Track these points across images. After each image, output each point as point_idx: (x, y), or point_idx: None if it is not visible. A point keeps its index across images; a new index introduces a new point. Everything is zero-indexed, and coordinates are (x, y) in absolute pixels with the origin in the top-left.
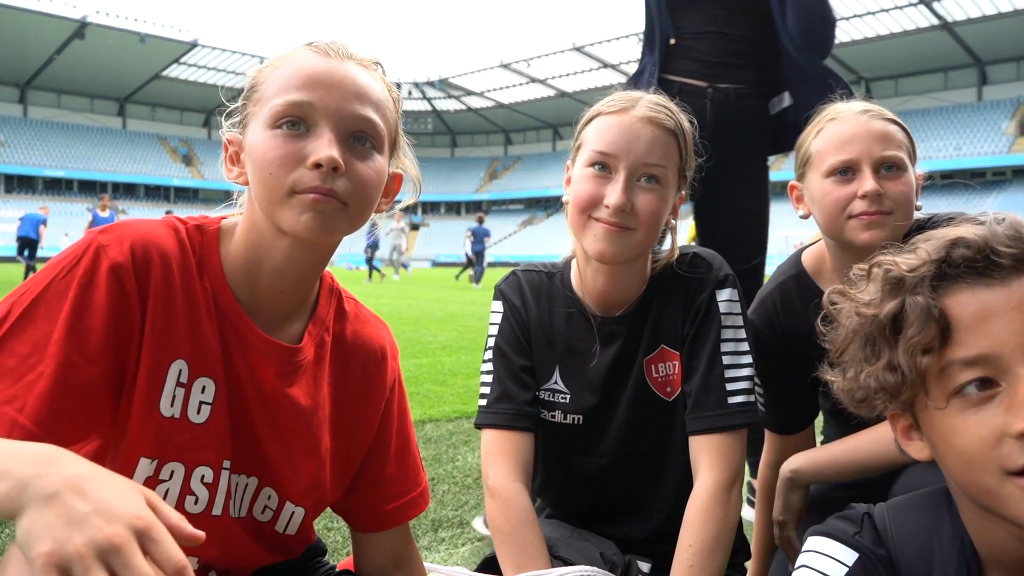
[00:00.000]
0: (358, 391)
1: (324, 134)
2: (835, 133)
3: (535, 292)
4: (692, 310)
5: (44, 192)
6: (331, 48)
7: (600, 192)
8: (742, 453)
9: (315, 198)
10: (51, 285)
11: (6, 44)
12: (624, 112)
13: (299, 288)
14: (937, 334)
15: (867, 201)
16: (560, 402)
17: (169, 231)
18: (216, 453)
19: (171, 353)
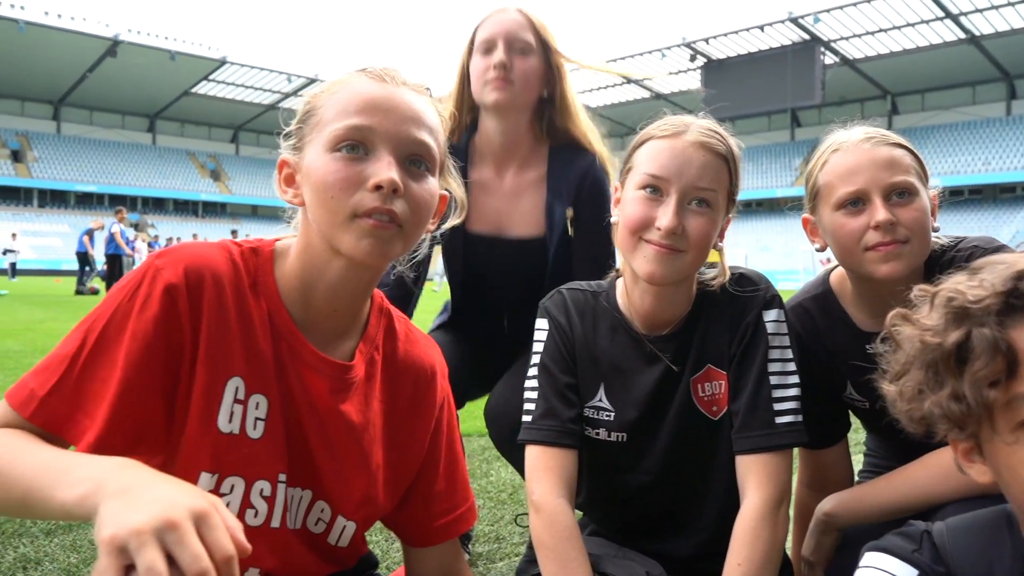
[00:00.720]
0: (408, 409)
1: (383, 157)
2: (840, 164)
3: (580, 311)
4: (739, 330)
5: (76, 207)
6: (386, 74)
7: (651, 214)
8: (789, 472)
9: (374, 224)
10: (118, 308)
11: (41, 62)
12: (676, 136)
13: (350, 306)
14: (1004, 367)
15: (881, 232)
16: (604, 419)
17: (223, 254)
18: (273, 467)
19: (227, 371)
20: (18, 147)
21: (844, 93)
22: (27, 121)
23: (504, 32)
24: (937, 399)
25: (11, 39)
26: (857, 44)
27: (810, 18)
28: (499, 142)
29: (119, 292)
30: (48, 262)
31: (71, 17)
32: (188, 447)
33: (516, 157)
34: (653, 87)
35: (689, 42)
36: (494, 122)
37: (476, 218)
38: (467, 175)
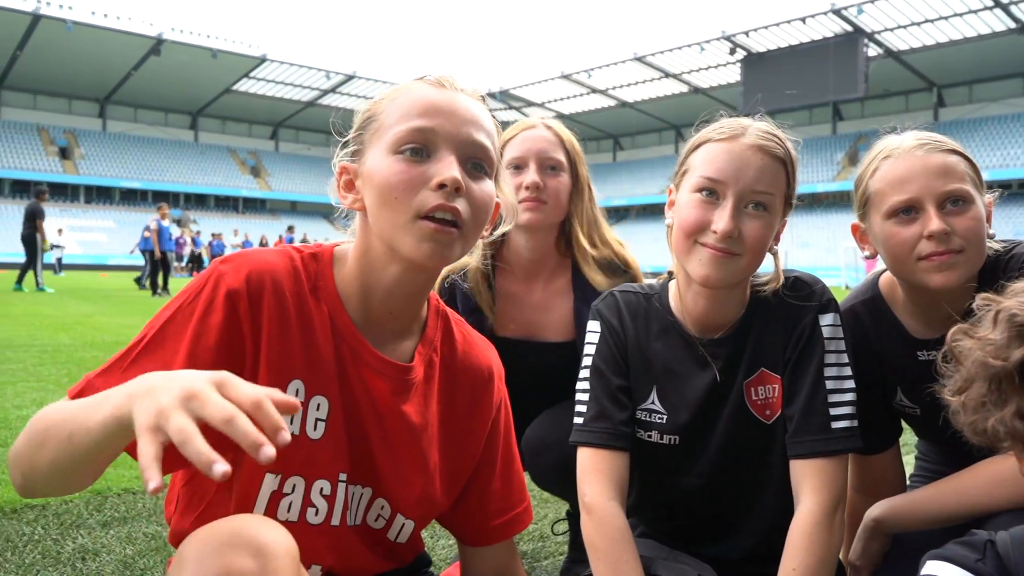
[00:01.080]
0: (466, 410)
1: (445, 157)
2: (892, 171)
3: (632, 313)
4: (795, 334)
5: (120, 203)
6: (444, 80)
7: (707, 218)
8: (845, 478)
9: (435, 228)
10: (180, 309)
11: (87, 61)
12: (733, 139)
13: (408, 308)
14: None
15: (935, 241)
16: (657, 422)
17: (284, 259)
18: (333, 467)
19: (289, 373)
20: (66, 144)
21: (888, 85)
22: (74, 119)
23: (536, 152)
24: (1001, 416)
25: (60, 39)
26: (902, 35)
27: (853, 9)
28: (528, 257)
29: (183, 295)
30: (94, 257)
31: (117, 16)
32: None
33: (545, 270)
34: (692, 81)
35: (729, 35)
36: (524, 239)
37: (505, 325)
38: (494, 284)
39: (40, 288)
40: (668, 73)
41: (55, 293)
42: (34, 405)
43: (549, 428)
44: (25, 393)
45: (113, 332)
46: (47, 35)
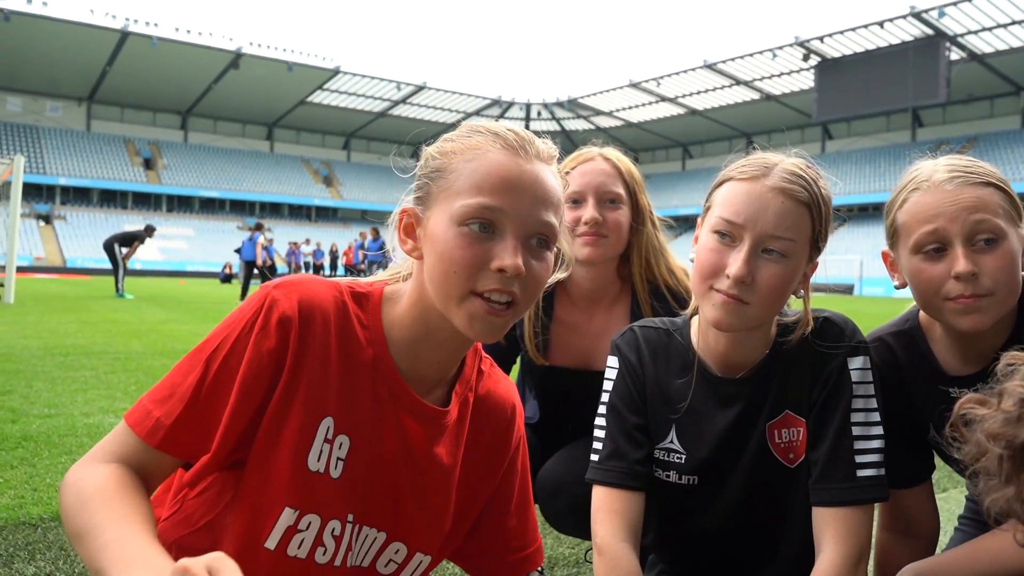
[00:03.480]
0: (489, 446)
1: (510, 240)
2: (920, 205)
3: (652, 349)
4: (822, 376)
5: (200, 211)
6: (521, 145)
7: (723, 261)
8: (869, 529)
9: (488, 310)
10: (239, 338)
11: (171, 76)
12: (755, 180)
13: (454, 359)
14: None
15: (962, 283)
16: (675, 462)
17: (333, 293)
18: (344, 507)
19: (323, 410)
20: (150, 155)
21: (971, 90)
22: (158, 131)
23: (595, 186)
24: (1005, 494)
25: (145, 54)
26: (986, 37)
27: (934, 12)
28: (589, 288)
29: (237, 320)
30: (174, 263)
31: (199, 32)
32: (278, 481)
33: (605, 298)
34: (764, 88)
35: (802, 41)
36: (584, 271)
37: (560, 354)
38: (552, 311)
39: (120, 294)
40: (739, 80)
41: (134, 299)
42: (101, 413)
43: (566, 468)
44: (94, 401)
45: (184, 340)
46: (134, 51)
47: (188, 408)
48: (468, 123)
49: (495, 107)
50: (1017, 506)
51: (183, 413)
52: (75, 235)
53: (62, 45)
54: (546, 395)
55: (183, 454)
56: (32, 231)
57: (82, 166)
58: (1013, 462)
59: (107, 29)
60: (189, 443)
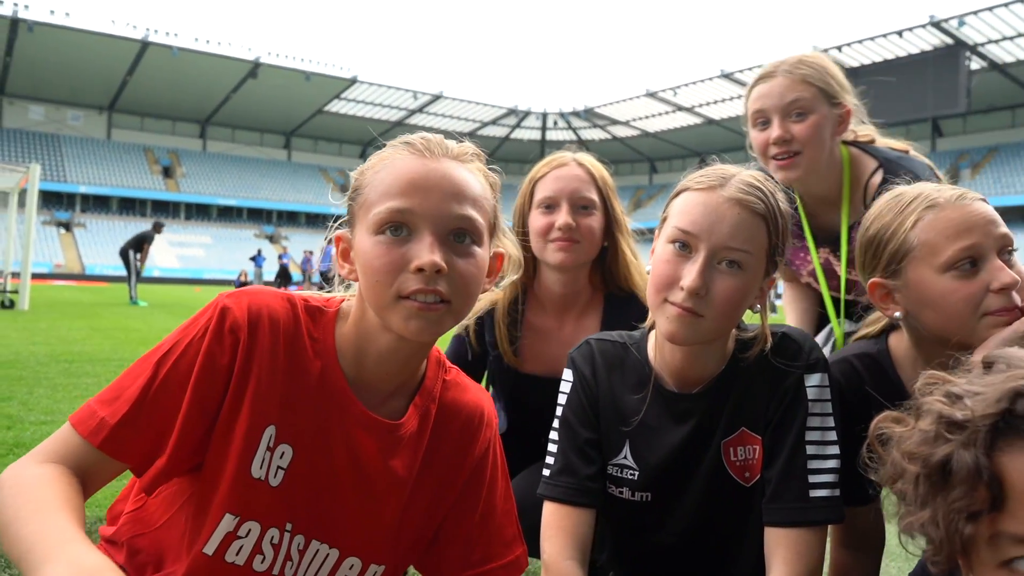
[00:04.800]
0: (450, 456)
1: (425, 238)
2: (945, 222)
3: (608, 363)
4: (778, 394)
5: (217, 219)
6: (427, 147)
7: (677, 272)
8: (821, 551)
9: (420, 306)
10: (190, 344)
11: (190, 85)
12: (712, 190)
13: (403, 370)
14: (988, 498)
15: (1004, 296)
16: (628, 478)
17: (286, 304)
18: (283, 517)
19: (267, 418)
20: (169, 164)
21: (992, 100)
22: (177, 139)
23: (568, 192)
24: (920, 517)
25: (165, 64)
26: (1007, 47)
27: (954, 21)
28: (560, 293)
29: (190, 327)
30: (191, 271)
31: (218, 42)
32: (222, 487)
33: (576, 306)
34: None
35: (820, 50)
36: (556, 276)
37: (531, 360)
38: (524, 317)
39: (133, 301)
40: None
41: (148, 307)
42: None
43: (528, 490)
44: None
45: None
46: (154, 61)
47: (134, 410)
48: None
49: (511, 116)
50: (933, 530)
51: (128, 414)
52: (94, 242)
53: (84, 55)
54: (515, 404)
55: (126, 457)
56: (52, 238)
57: (102, 174)
58: (929, 483)
59: (128, 39)
60: (134, 446)
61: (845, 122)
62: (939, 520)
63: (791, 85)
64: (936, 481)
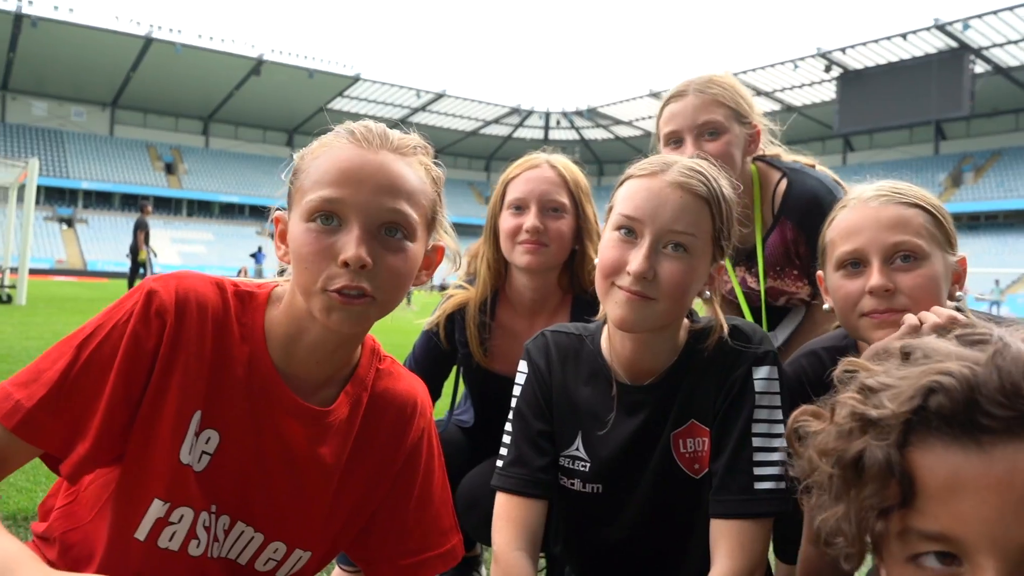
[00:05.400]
0: (382, 445)
1: (353, 230)
2: (844, 221)
3: (562, 355)
4: (726, 386)
5: (219, 216)
6: (367, 137)
7: (624, 258)
8: (765, 543)
9: (342, 300)
10: (114, 328)
11: (193, 81)
12: (654, 176)
13: (333, 358)
14: (898, 493)
15: (876, 298)
16: (580, 470)
17: (215, 290)
18: (208, 500)
19: (194, 403)
20: (171, 160)
21: (996, 103)
22: (180, 136)
23: (538, 194)
24: (835, 512)
25: (169, 60)
26: (1012, 51)
27: (959, 24)
28: (530, 297)
29: (115, 310)
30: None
31: (221, 39)
32: (150, 472)
33: (546, 308)
34: (785, 99)
35: (824, 52)
36: (525, 279)
37: (501, 360)
38: (496, 319)
39: None
40: (760, 91)
41: None
42: None
43: (483, 480)
44: None
45: None
46: (157, 57)
47: (52, 393)
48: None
49: (514, 115)
50: (846, 526)
51: (46, 397)
52: (96, 238)
53: (87, 51)
54: (483, 401)
55: (41, 442)
56: (54, 234)
57: (104, 170)
58: (843, 479)
59: (131, 35)
60: (50, 431)
61: (756, 141)
62: (851, 516)
63: (703, 106)
64: (849, 477)
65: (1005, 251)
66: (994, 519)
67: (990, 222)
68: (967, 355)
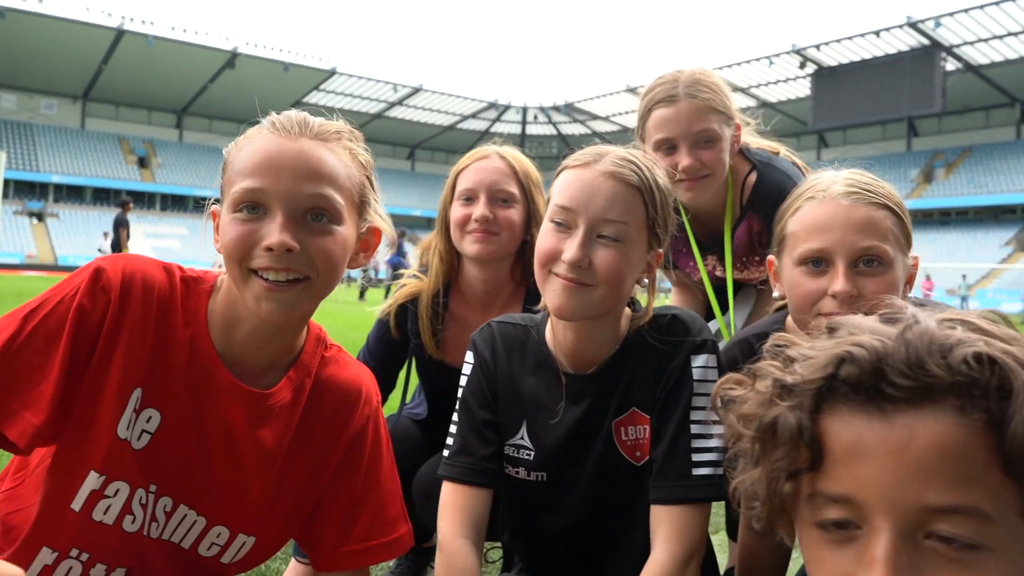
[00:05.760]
0: (325, 431)
1: (277, 217)
2: (810, 216)
3: (507, 345)
4: (665, 374)
5: (193, 210)
6: (287, 126)
7: (559, 247)
8: (702, 528)
9: (268, 287)
10: (61, 303)
11: (167, 74)
12: (587, 167)
13: (272, 344)
14: (808, 457)
15: (838, 302)
16: (524, 458)
17: (163, 273)
18: (147, 478)
19: (134, 381)
20: (144, 154)
21: (967, 101)
22: (153, 129)
23: (487, 184)
24: (752, 475)
25: (141, 53)
26: (983, 49)
27: (930, 22)
28: (482, 288)
29: (63, 285)
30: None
31: (195, 32)
32: (88, 444)
33: (499, 299)
34: (760, 95)
35: (799, 48)
36: (476, 269)
37: (454, 351)
38: (448, 310)
39: None
40: (736, 87)
41: None
42: None
43: (437, 473)
44: None
45: None
46: (129, 49)
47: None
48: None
49: (492, 110)
50: (760, 488)
51: None
52: (68, 232)
53: (58, 42)
54: (437, 392)
55: None
56: (24, 228)
57: (76, 164)
58: (762, 444)
59: (103, 27)
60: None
61: (738, 139)
62: (764, 478)
63: (698, 114)
64: (765, 441)
65: (975, 246)
66: (891, 482)
67: (960, 218)
68: (880, 329)
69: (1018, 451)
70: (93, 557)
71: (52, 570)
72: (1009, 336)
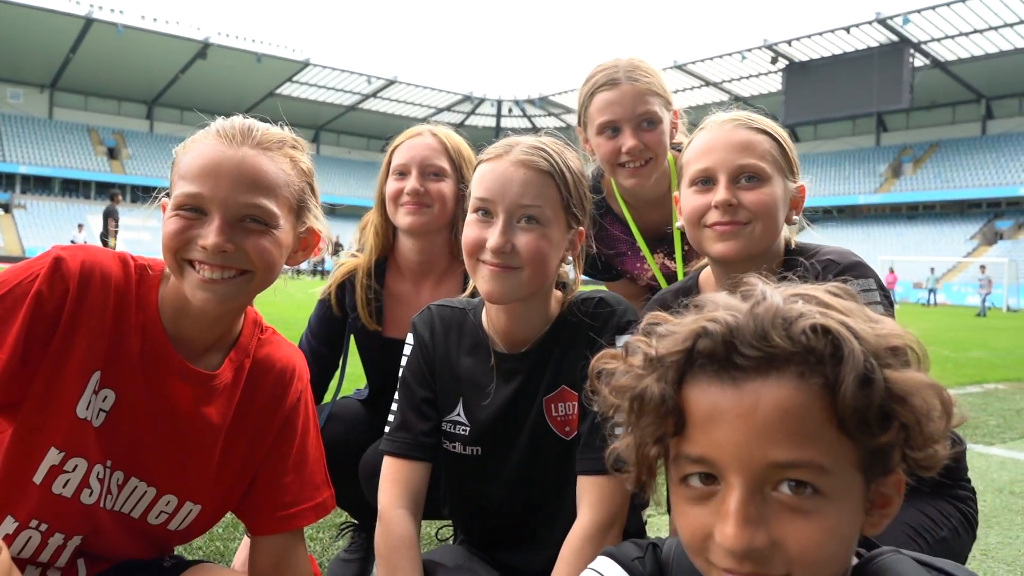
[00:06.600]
0: (262, 407)
1: (213, 221)
2: (698, 143)
3: (446, 327)
4: (592, 352)
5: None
6: (230, 134)
7: (483, 235)
8: (624, 496)
9: (201, 279)
10: (17, 286)
11: (136, 64)
12: (499, 158)
13: (215, 328)
14: (673, 424)
15: (720, 211)
16: (460, 434)
17: (119, 263)
18: (103, 455)
19: (94, 363)
20: (114, 145)
21: (934, 97)
22: (123, 120)
23: (419, 160)
24: (625, 441)
25: (110, 42)
26: (949, 45)
27: (899, 19)
28: (416, 260)
29: (22, 269)
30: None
31: (166, 21)
32: (49, 423)
33: (433, 273)
34: (733, 90)
35: (771, 44)
36: (410, 242)
37: (391, 324)
38: (385, 285)
39: None
40: (708, 82)
41: None
42: None
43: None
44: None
45: None
46: (98, 38)
47: None
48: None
49: (466, 103)
50: (631, 453)
51: None
52: (35, 224)
53: (24, 30)
54: (377, 369)
55: None
56: None
57: (44, 154)
58: (631, 412)
59: (71, 15)
60: None
61: (676, 125)
62: (634, 444)
63: (640, 96)
64: (636, 411)
65: (942, 240)
66: (741, 443)
67: (928, 212)
68: (734, 305)
69: (848, 410)
70: (51, 527)
71: (12, 539)
72: (847, 308)
